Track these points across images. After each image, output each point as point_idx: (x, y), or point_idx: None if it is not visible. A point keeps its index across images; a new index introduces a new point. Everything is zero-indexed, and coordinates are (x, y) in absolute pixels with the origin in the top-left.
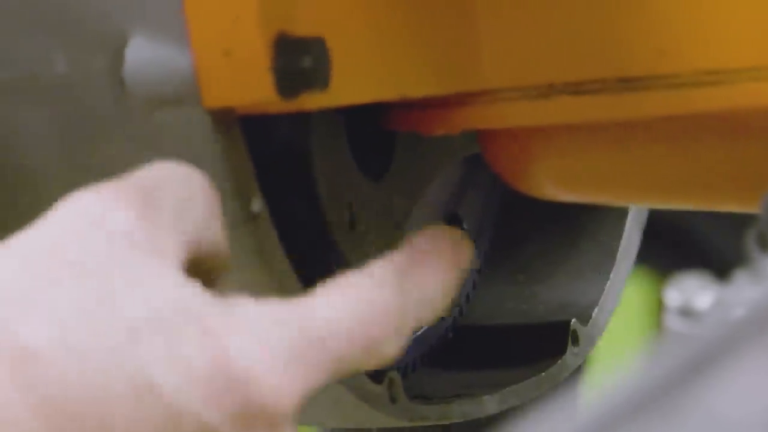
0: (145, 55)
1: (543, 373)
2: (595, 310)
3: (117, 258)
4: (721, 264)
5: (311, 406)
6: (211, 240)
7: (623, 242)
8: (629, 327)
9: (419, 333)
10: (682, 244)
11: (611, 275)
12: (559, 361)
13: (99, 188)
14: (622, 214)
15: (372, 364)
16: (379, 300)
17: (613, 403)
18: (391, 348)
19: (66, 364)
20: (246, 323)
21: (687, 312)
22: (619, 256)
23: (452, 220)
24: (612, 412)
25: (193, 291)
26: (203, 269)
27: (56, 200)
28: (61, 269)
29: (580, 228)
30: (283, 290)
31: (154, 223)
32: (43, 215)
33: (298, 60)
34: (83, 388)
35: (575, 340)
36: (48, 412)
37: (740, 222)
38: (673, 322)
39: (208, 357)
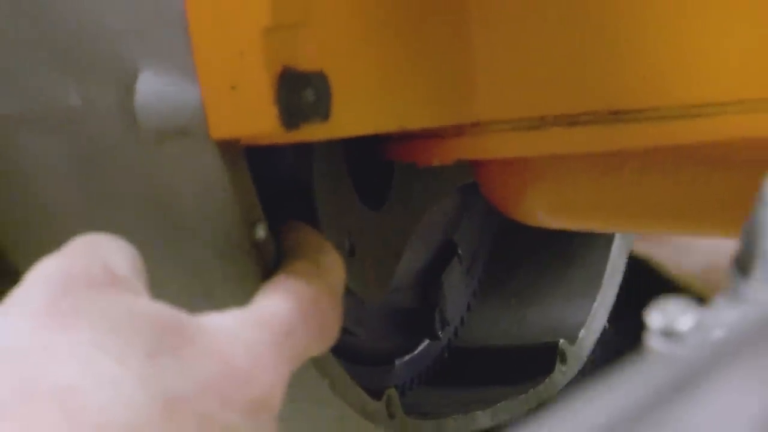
0: (155, 88)
1: (532, 390)
2: (582, 331)
3: (106, 300)
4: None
5: (317, 421)
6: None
7: (609, 267)
8: None
9: (416, 353)
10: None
11: (598, 298)
12: (548, 379)
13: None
14: (608, 240)
15: (322, 348)
16: (314, 296)
17: (598, 421)
18: (334, 331)
19: (101, 393)
20: (231, 332)
21: (669, 333)
22: (605, 280)
23: (448, 246)
24: (594, 428)
25: (174, 313)
26: None
27: (72, 229)
28: (63, 319)
29: (569, 254)
30: None
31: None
32: (60, 245)
33: (300, 93)
34: (121, 411)
35: (563, 359)
36: None
37: None
38: (655, 342)
39: (216, 369)
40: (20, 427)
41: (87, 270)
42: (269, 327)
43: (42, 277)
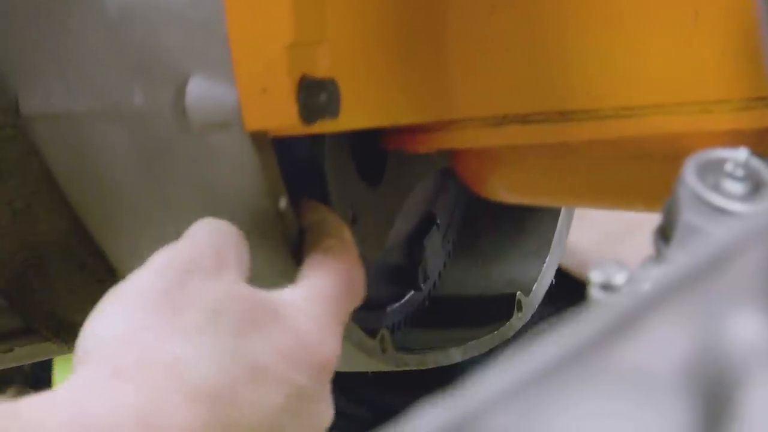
0: (202, 91)
1: (496, 332)
2: (535, 285)
3: (211, 288)
4: None
5: None
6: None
7: (556, 234)
8: None
9: (404, 301)
10: None
11: (547, 259)
12: (508, 323)
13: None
14: (555, 213)
15: (357, 305)
16: (349, 267)
17: (546, 358)
18: (363, 291)
19: (203, 363)
20: (302, 307)
21: (607, 286)
22: (553, 244)
23: (429, 217)
24: (545, 366)
25: (261, 295)
26: None
27: (136, 204)
28: (175, 305)
29: (525, 223)
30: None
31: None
32: (126, 219)
33: (316, 96)
34: (218, 378)
35: (520, 307)
36: (198, 397)
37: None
38: (596, 294)
39: (292, 341)
40: (138, 388)
41: (200, 261)
42: (327, 301)
43: (162, 265)
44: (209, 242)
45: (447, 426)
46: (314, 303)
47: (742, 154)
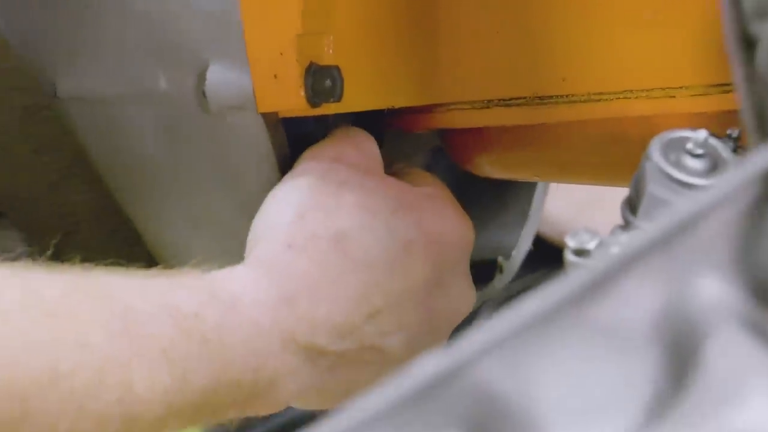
0: (220, 77)
1: (480, 291)
2: (514, 251)
3: (361, 175)
4: None
5: None
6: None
7: (533, 205)
8: None
9: None
10: None
11: (525, 227)
12: (491, 284)
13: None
14: (532, 186)
15: None
16: None
17: (529, 315)
18: None
19: (364, 236)
20: (441, 196)
21: (580, 251)
22: (530, 214)
23: None
24: (528, 321)
25: (406, 184)
26: None
27: (162, 175)
28: (335, 187)
29: (506, 196)
30: None
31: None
32: (153, 189)
33: (321, 82)
34: (376, 249)
35: (501, 270)
36: (358, 265)
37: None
38: (571, 258)
39: (436, 219)
40: (310, 256)
41: (347, 154)
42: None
43: (318, 156)
44: (349, 140)
45: (443, 372)
46: (447, 196)
47: (701, 134)
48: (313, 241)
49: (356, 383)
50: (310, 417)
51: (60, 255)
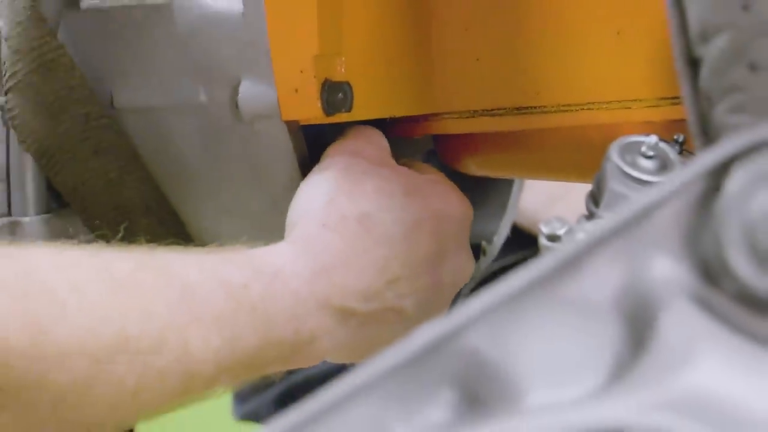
0: (251, 91)
1: None
2: (495, 236)
3: (378, 166)
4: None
5: None
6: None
7: (511, 198)
8: None
9: None
10: None
11: (504, 217)
12: (476, 264)
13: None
14: (510, 182)
15: None
16: None
17: (508, 292)
18: None
19: (383, 216)
20: (443, 181)
21: (552, 237)
22: (508, 206)
23: None
24: (508, 297)
25: (415, 172)
26: None
27: (200, 177)
28: (356, 175)
29: (488, 190)
30: None
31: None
32: (192, 190)
33: (335, 95)
34: (393, 227)
35: (484, 253)
36: (380, 241)
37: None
38: (544, 242)
39: (441, 200)
40: (340, 234)
41: (364, 148)
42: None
43: (340, 152)
44: (364, 137)
45: (437, 339)
46: (448, 182)
47: (653, 139)
48: (343, 221)
49: (379, 340)
50: (337, 371)
51: (118, 240)
